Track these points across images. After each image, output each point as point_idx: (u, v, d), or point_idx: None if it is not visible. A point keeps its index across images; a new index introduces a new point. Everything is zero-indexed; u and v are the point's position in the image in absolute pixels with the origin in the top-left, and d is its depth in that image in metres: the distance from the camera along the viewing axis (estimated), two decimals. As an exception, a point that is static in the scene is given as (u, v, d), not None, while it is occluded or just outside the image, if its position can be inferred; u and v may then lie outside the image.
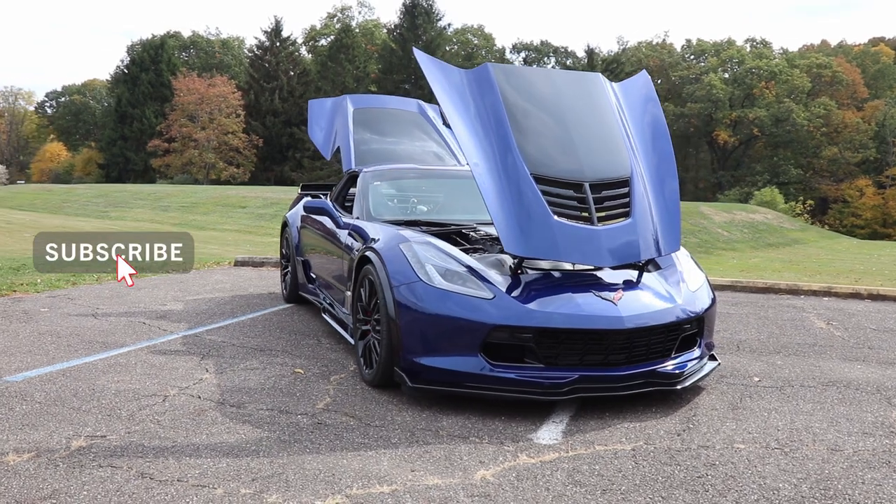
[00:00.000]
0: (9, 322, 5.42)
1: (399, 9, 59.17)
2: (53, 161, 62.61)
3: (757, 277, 12.88)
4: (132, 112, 53.36)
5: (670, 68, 64.69)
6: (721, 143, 59.80)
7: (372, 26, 65.77)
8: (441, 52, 59.40)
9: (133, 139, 52.87)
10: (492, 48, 72.46)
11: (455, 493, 2.68)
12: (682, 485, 2.83)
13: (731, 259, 21.05)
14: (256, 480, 2.74)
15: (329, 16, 68.89)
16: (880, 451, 3.25)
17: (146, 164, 51.29)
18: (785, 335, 5.82)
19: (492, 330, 3.54)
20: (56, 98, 74.09)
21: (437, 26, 60.00)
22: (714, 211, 30.57)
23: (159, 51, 56.23)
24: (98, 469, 2.79)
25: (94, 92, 70.43)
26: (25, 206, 28.26)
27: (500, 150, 3.90)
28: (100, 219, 24.99)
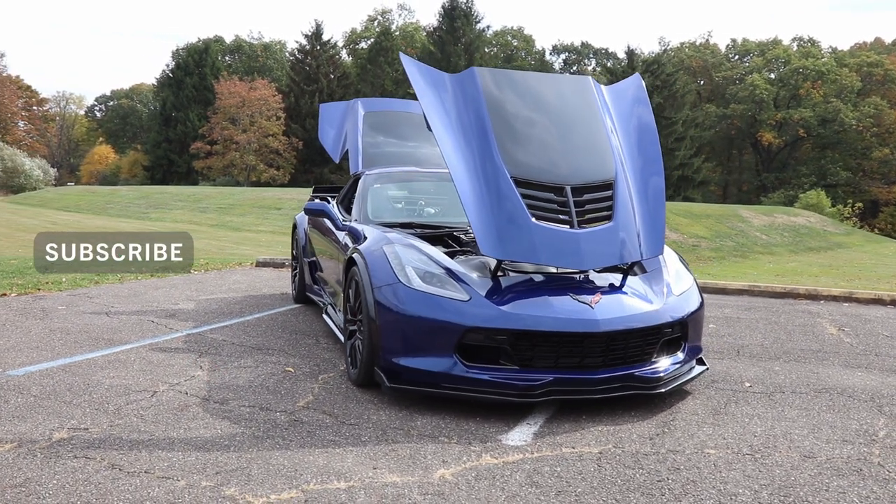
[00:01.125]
0: (25, 319, 5.65)
1: (438, 11, 59.42)
2: (102, 163, 64.48)
3: (792, 282, 12.64)
4: (176, 115, 54.63)
5: (713, 69, 63.60)
6: (765, 144, 58.54)
7: (412, 29, 66.12)
8: (480, 55, 59.52)
9: (177, 142, 54.11)
10: (531, 50, 72.26)
11: (409, 491, 2.74)
12: (640, 488, 2.84)
13: (767, 263, 20.65)
14: (220, 474, 2.83)
15: (369, 19, 69.51)
16: (855, 458, 3.21)
17: (189, 167, 52.43)
18: (791, 341, 5.73)
19: (466, 331, 3.58)
20: (105, 102, 76.28)
21: (476, 28, 60.04)
22: (753, 214, 30.00)
23: (203, 55, 57.45)
24: (73, 460, 2.92)
25: (141, 96, 72.30)
26: (71, 207, 29.17)
27: (480, 154, 3.94)
28: (140, 220, 25.66)
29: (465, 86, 4.18)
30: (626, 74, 52.91)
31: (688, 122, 53.24)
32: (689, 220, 25.01)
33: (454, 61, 56.45)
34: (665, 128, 51.24)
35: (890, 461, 3.19)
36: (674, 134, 51.57)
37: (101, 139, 71.78)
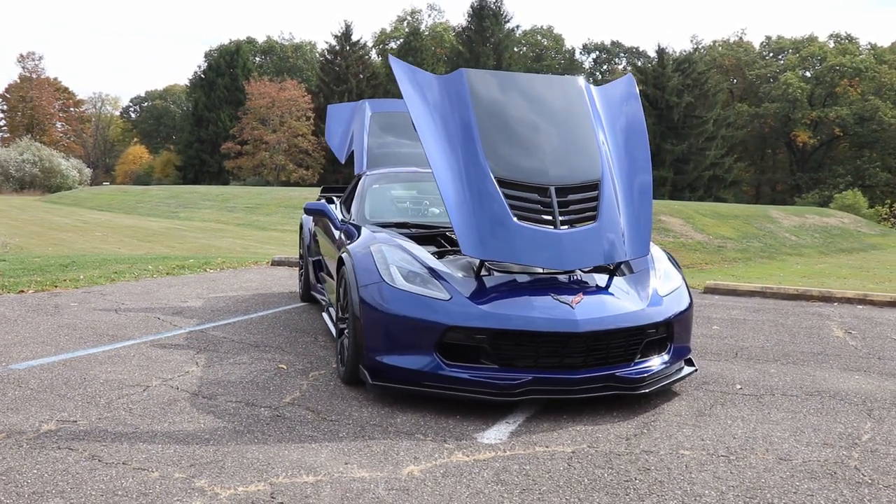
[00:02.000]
0: (36, 315, 5.83)
1: (467, 11, 59.48)
2: (136, 163, 65.76)
3: (818, 284, 12.45)
4: (208, 116, 55.49)
5: (746, 67, 62.68)
6: (800, 144, 57.51)
7: (441, 29, 66.29)
8: (509, 54, 59.42)
9: (208, 142, 54.97)
10: (561, 49, 71.97)
11: (374, 486, 2.79)
12: (605, 488, 2.86)
13: (794, 264, 20.35)
14: (194, 466, 2.92)
15: (399, 19, 69.83)
16: (831, 461, 3.18)
17: (220, 166, 53.23)
18: (793, 343, 5.67)
19: (446, 330, 3.63)
20: (140, 103, 77.79)
21: (506, 28, 59.97)
22: (783, 214, 29.52)
23: (235, 56, 58.29)
24: (55, 451, 3.03)
25: (175, 97, 73.58)
26: (103, 206, 29.81)
27: (464, 154, 3.99)
28: (169, 219, 26.14)
29: (453, 87, 4.23)
30: (657, 74, 52.47)
31: (719, 122, 52.54)
32: (716, 221, 24.71)
33: (483, 61, 56.44)
34: (695, 127, 50.67)
35: (867, 465, 3.16)
36: (704, 133, 50.95)
37: (136, 139, 73.26)
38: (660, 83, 51.81)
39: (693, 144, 50.12)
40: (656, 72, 52.82)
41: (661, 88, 51.48)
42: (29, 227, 21.30)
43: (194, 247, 17.52)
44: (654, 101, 51.17)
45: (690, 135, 50.65)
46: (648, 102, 50.85)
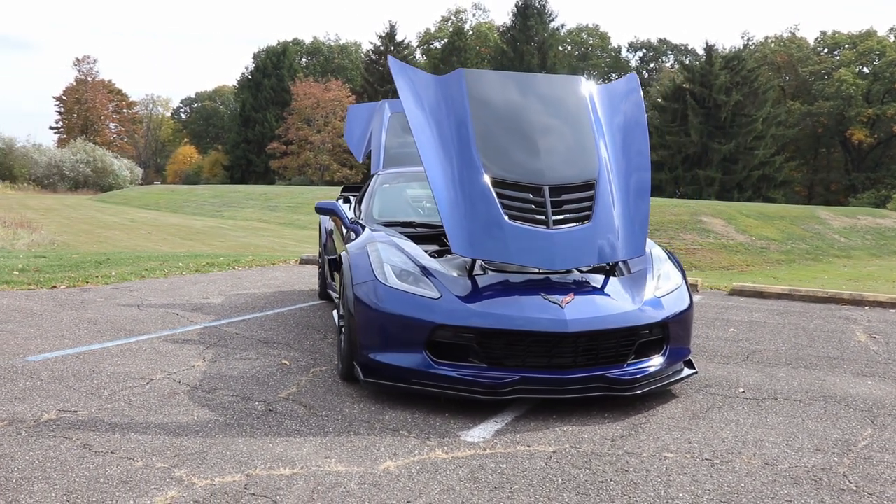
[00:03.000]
0: (62, 309, 6.05)
1: (511, 10, 59.32)
2: (185, 163, 67.42)
3: (864, 287, 12.07)
4: (255, 116, 56.53)
5: (799, 64, 60.97)
6: (856, 142, 55.69)
7: (485, 28, 66.22)
8: (554, 53, 59.00)
9: (255, 142, 56.00)
10: (607, 47, 71.20)
11: (348, 481, 2.84)
12: (578, 488, 2.86)
13: (842, 267, 19.76)
14: (178, 456, 3.01)
15: (443, 19, 70.01)
16: (819, 468, 3.12)
17: (266, 166, 54.17)
18: (811, 347, 5.54)
19: (435, 328, 3.67)
20: (190, 104, 79.72)
21: (550, 27, 59.58)
22: (833, 215, 28.66)
23: (281, 57, 59.25)
24: (51, 439, 3.16)
25: (224, 97, 75.14)
26: (151, 205, 30.64)
27: (458, 153, 4.01)
28: (213, 218, 26.73)
29: (451, 88, 4.26)
30: (704, 71, 51.48)
31: (769, 120, 51.23)
32: (760, 222, 24.14)
33: (527, 60, 56.20)
34: (744, 126, 49.53)
35: (856, 472, 3.09)
36: (753, 132, 49.76)
37: (186, 140, 75.05)
38: (707, 81, 50.82)
39: (741, 143, 49.01)
40: (703, 70, 51.81)
41: (709, 87, 50.48)
42: (79, 224, 22.03)
43: (234, 245, 17.88)
44: (700, 99, 50.25)
45: (739, 133, 49.54)
46: (695, 101, 49.98)
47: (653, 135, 52.31)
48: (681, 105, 50.90)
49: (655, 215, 21.98)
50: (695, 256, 18.84)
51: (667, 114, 52.06)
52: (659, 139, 51.33)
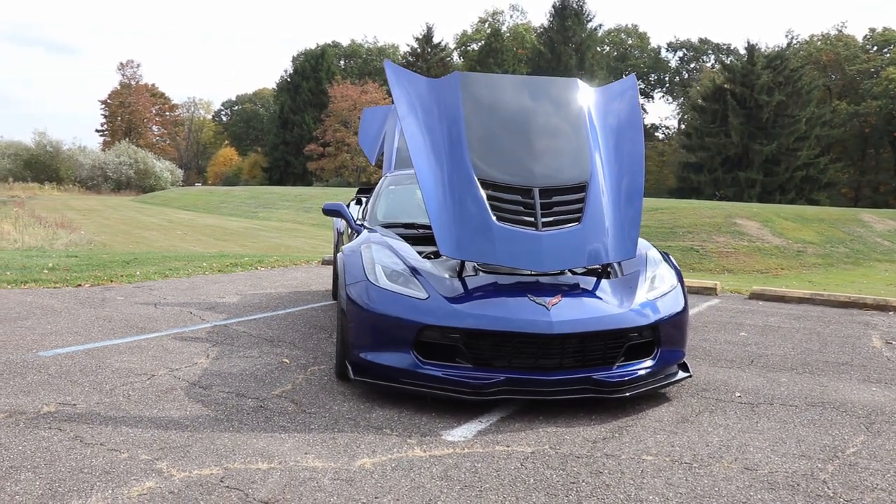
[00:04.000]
0: (81, 307, 6.26)
1: (548, 11, 59.07)
2: (226, 165, 68.66)
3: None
4: (293, 118, 57.32)
5: (846, 62, 59.44)
6: (906, 142, 54.07)
7: (522, 30, 66.08)
8: (591, 53, 58.61)
9: (293, 144, 56.77)
10: (646, 47, 70.40)
11: (321, 476, 2.91)
12: (548, 488, 2.88)
13: (882, 272, 19.24)
14: (163, 449, 3.11)
15: (480, 20, 70.03)
16: (801, 474, 3.09)
17: (304, 168, 54.88)
18: (821, 352, 5.45)
19: (422, 329, 3.71)
20: (230, 107, 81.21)
21: (588, 27, 59.19)
22: (877, 218, 27.91)
23: (319, 60, 59.98)
24: (45, 430, 3.29)
25: (263, 100, 76.33)
26: (189, 206, 31.28)
27: (449, 155, 4.06)
28: (248, 219, 27.17)
29: (446, 91, 4.31)
30: (745, 71, 50.52)
31: (813, 120, 50.04)
32: (798, 225, 23.61)
33: (565, 61, 55.93)
34: (787, 127, 48.48)
35: (837, 479, 3.05)
36: (796, 133, 48.66)
37: (227, 142, 76.42)
38: (748, 81, 49.90)
39: (783, 144, 47.99)
40: (745, 69, 50.86)
41: (750, 87, 49.56)
42: (118, 225, 22.62)
43: (266, 246, 18.18)
44: (741, 99, 49.37)
45: (781, 134, 48.50)
46: (736, 101, 49.11)
47: (691, 136, 51.61)
48: (721, 106, 50.06)
49: (688, 217, 21.72)
50: (727, 259, 18.52)
51: (706, 115, 51.25)
52: (698, 140, 50.61)
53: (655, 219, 21.57)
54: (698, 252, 18.75)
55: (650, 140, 67.19)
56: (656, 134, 69.96)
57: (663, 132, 70.68)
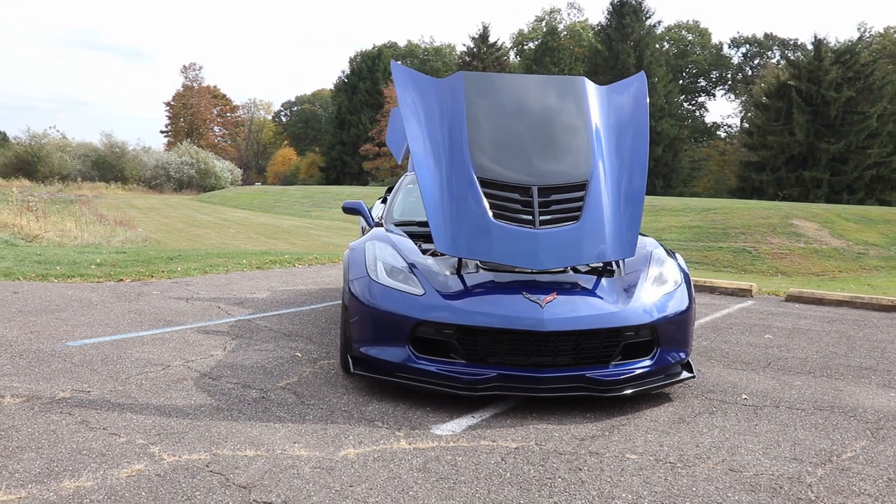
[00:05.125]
0: (117, 300, 6.55)
1: (606, 8, 58.31)
2: (285, 164, 70.13)
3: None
4: (350, 119, 58.15)
5: (924, 56, 56.73)
6: None
7: (579, 28, 65.40)
8: (650, 51, 57.55)
9: (350, 144, 57.62)
10: (707, 44, 68.74)
11: (303, 464, 3.01)
12: (522, 483, 2.91)
13: (943, 276, 18.37)
14: (159, 435, 3.27)
15: (537, 19, 69.62)
16: (786, 476, 3.04)
17: (360, 168, 55.62)
18: (847, 356, 5.30)
19: (417, 324, 3.78)
20: (290, 107, 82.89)
21: (647, 24, 58.13)
22: (946, 220, 26.62)
23: (376, 61, 60.67)
24: (56, 414, 3.49)
25: (322, 101, 77.66)
26: (245, 205, 32.07)
27: (449, 154, 4.11)
28: (301, 217, 27.70)
29: (449, 90, 4.37)
30: (812, 67, 48.82)
31: (885, 117, 47.98)
32: (861, 226, 22.74)
33: (623, 59, 55.10)
34: (856, 124, 46.64)
35: (824, 483, 2.99)
36: (866, 130, 46.75)
37: (286, 142, 78.06)
38: (815, 77, 48.23)
39: (852, 142, 46.18)
40: (811, 65, 49.15)
41: (817, 83, 47.90)
42: (175, 223, 23.40)
43: (315, 244, 18.52)
44: (807, 96, 47.77)
45: (850, 132, 46.67)
46: (801, 98, 47.55)
47: (753, 135, 50.17)
48: (785, 103, 48.55)
49: (742, 218, 21.17)
50: (781, 261, 18.00)
51: (769, 112, 49.78)
52: (760, 139, 49.24)
53: (707, 219, 21.12)
54: (751, 254, 18.28)
55: (712, 139, 65.65)
56: (718, 133, 68.28)
57: (725, 131, 68.93)
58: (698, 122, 67.94)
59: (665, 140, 51.35)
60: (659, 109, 52.07)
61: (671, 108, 54.63)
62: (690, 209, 22.59)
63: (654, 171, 50.74)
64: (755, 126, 51.09)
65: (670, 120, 52.73)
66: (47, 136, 53.71)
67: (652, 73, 54.50)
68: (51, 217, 17.84)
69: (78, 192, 37.90)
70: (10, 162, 49.65)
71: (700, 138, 65.66)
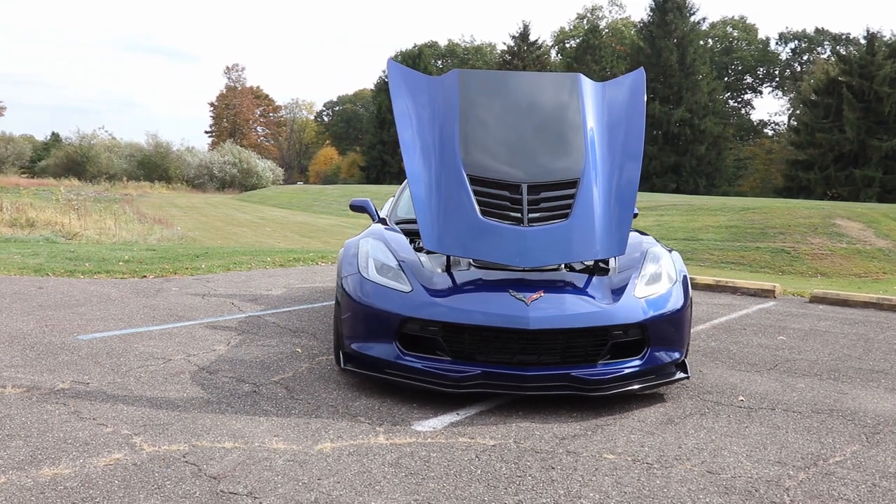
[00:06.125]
0: (135, 296, 6.72)
1: (649, 5, 57.45)
2: (326, 164, 70.93)
3: None
4: (390, 118, 58.34)
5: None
6: None
7: (621, 25, 64.63)
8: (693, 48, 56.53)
9: (390, 143, 57.91)
10: (753, 40, 67.23)
11: (277, 457, 3.06)
12: (490, 480, 2.90)
13: None
14: (146, 426, 3.35)
15: (578, 17, 69.04)
16: (764, 480, 2.98)
17: (400, 167, 55.84)
18: (861, 359, 5.15)
19: (404, 321, 3.80)
20: (332, 107, 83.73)
21: (690, 21, 57.14)
22: None
23: (417, 60, 60.93)
24: (52, 404, 3.61)
25: (363, 100, 78.30)
26: (284, 204, 32.53)
27: (440, 152, 4.12)
28: (338, 216, 27.97)
29: (444, 88, 4.38)
30: (864, 62, 47.35)
31: (941, 114, 46.30)
32: (909, 226, 22.00)
33: (665, 56, 54.25)
34: (910, 122, 45.15)
35: (803, 487, 2.92)
36: (920, 127, 45.21)
37: (328, 142, 78.95)
38: (867, 73, 46.81)
39: (904, 141, 44.72)
40: (864, 60, 47.71)
41: (869, 78, 46.49)
42: (214, 221, 23.87)
43: (347, 242, 18.69)
44: (858, 92, 46.40)
45: (904, 130, 45.22)
46: (852, 94, 46.20)
47: (801, 132, 48.92)
48: (835, 100, 47.24)
49: (782, 217, 20.66)
50: (822, 262, 17.51)
51: (818, 109, 48.50)
52: (807, 137, 48.03)
53: (745, 219, 20.67)
54: (789, 254, 17.83)
55: (758, 137, 64.20)
56: (764, 131, 66.74)
57: (772, 129, 67.33)
58: (744, 119, 66.52)
59: (708, 139, 50.42)
60: (703, 107, 51.18)
61: (715, 106, 53.61)
62: (728, 208, 22.15)
63: (697, 171, 49.91)
64: (803, 123, 49.84)
65: (714, 118, 51.74)
66: (96, 136, 55.35)
67: (695, 71, 53.53)
68: (92, 215, 18.38)
69: (123, 192, 38.93)
70: (62, 162, 51.29)
71: (746, 136, 64.29)
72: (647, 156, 50.18)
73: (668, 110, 50.54)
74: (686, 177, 49.72)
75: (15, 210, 16.84)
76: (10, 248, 10.27)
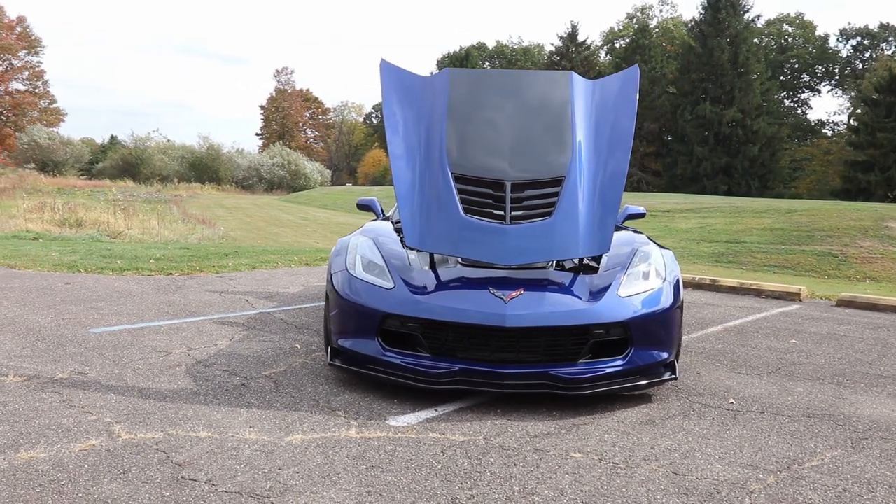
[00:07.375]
0: (155, 292, 6.93)
1: (700, 3, 56.35)
2: (375, 165, 71.50)
3: None
4: (437, 121, 58.74)
5: None
6: None
7: (671, 24, 63.57)
8: (747, 47, 55.25)
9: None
10: (811, 37, 65.26)
11: (245, 447, 3.13)
12: (448, 475, 2.92)
13: None
14: (129, 415, 3.47)
15: (628, 16, 68.16)
16: (729, 482, 2.93)
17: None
18: (873, 364, 4.99)
19: (385, 317, 3.85)
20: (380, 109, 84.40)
21: (744, 19, 55.83)
22: None
23: (464, 62, 61.13)
24: (46, 393, 3.76)
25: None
26: (328, 204, 32.96)
27: (426, 150, 4.16)
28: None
29: (434, 87, 4.41)
30: (927, 59, 45.58)
31: None
32: (965, 228, 21.04)
33: (717, 55, 53.13)
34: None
35: (768, 491, 2.87)
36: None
37: (376, 143, 79.64)
38: (931, 70, 45.06)
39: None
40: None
41: (933, 76, 44.73)
42: (258, 222, 24.35)
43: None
44: (922, 90, 44.67)
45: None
46: (914, 93, 44.49)
47: (860, 132, 47.32)
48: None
49: (830, 220, 20.02)
50: (871, 266, 16.90)
51: (880, 108, 46.80)
52: (867, 137, 46.40)
53: (791, 221, 20.11)
54: (836, 258, 17.26)
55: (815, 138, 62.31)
56: (823, 131, 64.71)
57: (831, 129, 65.23)
58: (800, 119, 64.63)
59: (762, 139, 49.18)
60: (756, 107, 49.98)
61: (769, 106, 52.29)
62: (774, 210, 21.57)
63: (750, 172, 48.76)
64: (863, 123, 48.20)
65: (767, 118, 50.45)
66: (151, 139, 57.05)
67: (749, 70, 52.29)
68: (139, 215, 18.97)
69: (174, 193, 39.99)
70: (117, 164, 52.99)
71: (802, 137, 62.46)
72: (698, 157, 49.25)
73: (720, 111, 49.50)
74: (738, 178, 48.60)
75: (67, 210, 17.50)
76: (52, 247, 10.69)
